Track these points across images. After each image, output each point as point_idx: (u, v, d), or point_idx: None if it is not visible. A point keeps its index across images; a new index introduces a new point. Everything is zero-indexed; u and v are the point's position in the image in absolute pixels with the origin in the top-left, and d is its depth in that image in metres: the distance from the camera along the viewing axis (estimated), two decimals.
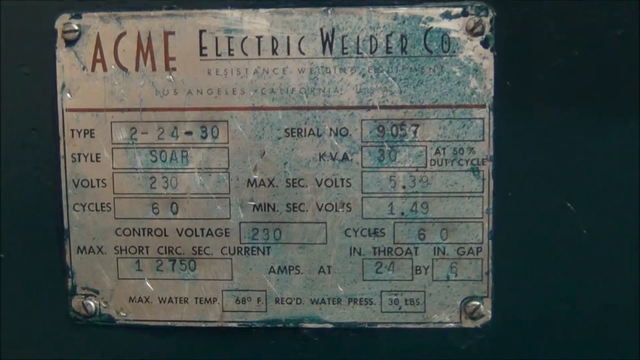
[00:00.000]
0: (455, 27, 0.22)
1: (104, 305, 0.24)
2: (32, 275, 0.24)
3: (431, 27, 0.22)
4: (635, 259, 0.23)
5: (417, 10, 0.22)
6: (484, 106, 0.22)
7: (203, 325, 0.24)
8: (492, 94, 0.22)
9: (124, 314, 0.24)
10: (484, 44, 0.22)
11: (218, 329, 0.24)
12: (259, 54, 0.22)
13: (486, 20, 0.22)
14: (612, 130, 0.22)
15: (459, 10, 0.22)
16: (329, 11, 0.22)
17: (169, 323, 0.24)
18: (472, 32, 0.22)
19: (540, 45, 0.22)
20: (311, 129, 0.23)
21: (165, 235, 0.23)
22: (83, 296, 0.24)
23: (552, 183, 0.23)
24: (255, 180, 0.23)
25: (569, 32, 0.22)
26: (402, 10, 0.22)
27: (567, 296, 0.23)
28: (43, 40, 0.23)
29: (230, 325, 0.24)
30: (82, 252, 0.24)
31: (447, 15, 0.22)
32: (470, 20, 0.22)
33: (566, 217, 0.23)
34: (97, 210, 0.23)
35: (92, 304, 0.24)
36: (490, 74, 0.22)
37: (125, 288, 0.24)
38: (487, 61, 0.22)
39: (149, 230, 0.23)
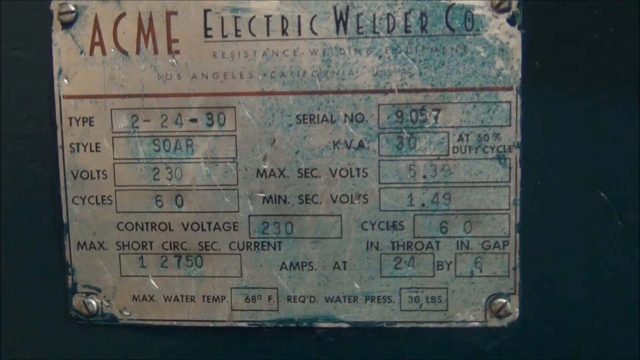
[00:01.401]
0: (479, 3, 0.21)
1: (106, 304, 0.23)
2: (30, 272, 0.24)
3: (453, 4, 0.21)
4: None
5: None
6: (510, 89, 0.22)
7: (211, 325, 0.23)
8: (520, 76, 0.22)
9: (127, 313, 0.24)
10: (511, 21, 0.21)
11: (227, 328, 0.24)
12: (268, 34, 0.22)
13: None
14: None
15: None
16: None
17: (174, 323, 0.24)
18: (497, 8, 0.21)
19: (572, 21, 0.22)
20: (324, 115, 0.22)
21: (170, 230, 0.23)
22: (84, 294, 0.24)
23: (584, 171, 0.22)
24: (265, 170, 0.22)
25: (603, 6, 0.22)
26: None
27: (601, 293, 0.23)
28: (38, 22, 0.23)
29: (239, 324, 0.23)
30: (82, 248, 0.23)
31: None
32: None
33: (600, 208, 0.22)
34: (97, 203, 0.23)
35: (93, 302, 0.23)
36: (518, 54, 0.22)
37: (129, 286, 0.23)
38: (514, 40, 0.21)
39: (153, 225, 0.23)
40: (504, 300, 0.22)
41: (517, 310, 0.22)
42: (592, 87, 0.22)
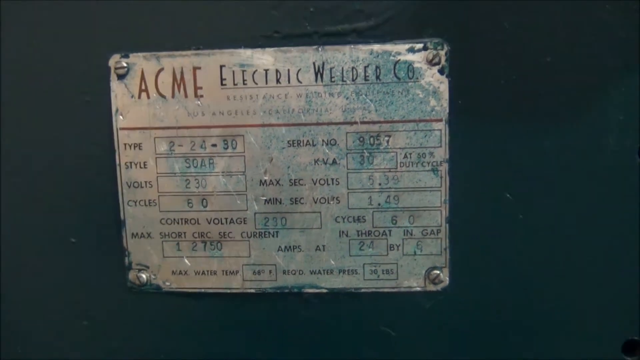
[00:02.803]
0: (418, 59, 0.25)
1: (153, 277, 0.27)
2: (98, 255, 0.28)
3: (399, 60, 0.25)
4: (558, 235, 0.26)
5: (388, 47, 0.25)
6: (441, 120, 0.25)
7: (228, 291, 0.27)
8: (448, 111, 0.25)
9: (169, 284, 0.27)
10: (441, 71, 0.25)
11: (240, 294, 0.27)
12: (266, 83, 0.26)
13: (442, 53, 0.25)
14: (538, 137, 0.25)
15: (420, 45, 0.25)
16: (320, 49, 0.26)
17: (202, 290, 0.27)
18: (431, 62, 0.25)
19: (484, 71, 0.25)
20: (308, 141, 0.26)
21: (198, 224, 0.27)
22: (137, 270, 0.27)
23: (495, 178, 0.26)
24: (265, 180, 0.26)
25: (507, 60, 0.25)
26: (376, 47, 0.25)
27: (507, 264, 0.26)
28: (100, 75, 0.26)
29: (249, 291, 0.27)
30: (135, 237, 0.27)
31: (411, 50, 0.25)
32: (429, 53, 0.25)
33: (506, 205, 0.26)
34: (145, 205, 0.27)
35: (144, 276, 0.27)
36: (446, 95, 0.25)
37: (169, 264, 0.27)
38: (443, 85, 0.25)
39: (186, 220, 0.27)
40: (438, 272, 0.26)
41: (448, 279, 0.26)
42: (500, 117, 0.25)
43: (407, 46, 0.25)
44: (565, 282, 0.27)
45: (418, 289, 0.27)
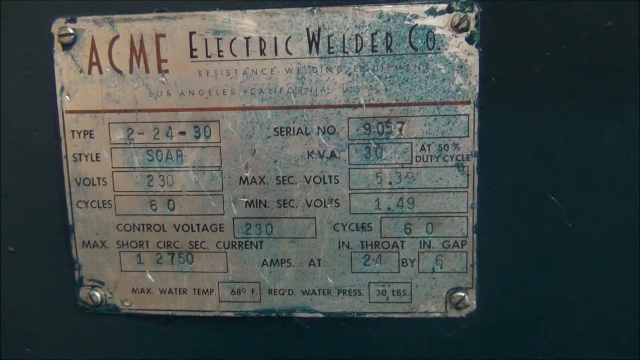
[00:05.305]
0: (440, 23, 0.22)
1: (109, 295, 0.25)
2: (41, 268, 0.25)
3: (416, 25, 0.22)
4: (619, 252, 0.23)
5: (401, 8, 0.22)
6: (468, 102, 0.22)
7: (201, 314, 0.25)
8: (477, 91, 0.22)
9: (128, 304, 0.25)
10: (469, 40, 0.22)
11: (215, 318, 0.25)
12: (248, 54, 0.23)
13: (471, 15, 0.22)
14: (596, 125, 0.23)
15: (444, 6, 0.22)
16: (315, 11, 0.22)
17: (169, 312, 0.25)
18: (457, 28, 0.22)
19: (526, 39, 0.22)
20: (299, 128, 0.23)
21: (163, 231, 0.24)
22: (89, 287, 0.25)
23: (536, 177, 0.23)
24: (246, 177, 0.24)
25: (556, 25, 0.22)
26: (387, 8, 0.22)
27: (551, 287, 0.24)
28: (41, 44, 0.24)
29: (226, 314, 0.25)
30: (87, 247, 0.25)
31: (432, 12, 0.22)
32: (455, 16, 0.22)
33: (550, 210, 0.23)
34: (99, 207, 0.24)
35: (97, 294, 0.25)
36: (475, 70, 0.22)
37: (128, 280, 0.25)
38: (472, 57, 0.22)
39: (148, 226, 0.24)
40: (463, 294, 0.24)
41: (475, 302, 0.24)
42: (545, 100, 0.22)
43: (426, 7, 0.22)
44: (624, 305, 0.24)
45: (437, 314, 0.24)
